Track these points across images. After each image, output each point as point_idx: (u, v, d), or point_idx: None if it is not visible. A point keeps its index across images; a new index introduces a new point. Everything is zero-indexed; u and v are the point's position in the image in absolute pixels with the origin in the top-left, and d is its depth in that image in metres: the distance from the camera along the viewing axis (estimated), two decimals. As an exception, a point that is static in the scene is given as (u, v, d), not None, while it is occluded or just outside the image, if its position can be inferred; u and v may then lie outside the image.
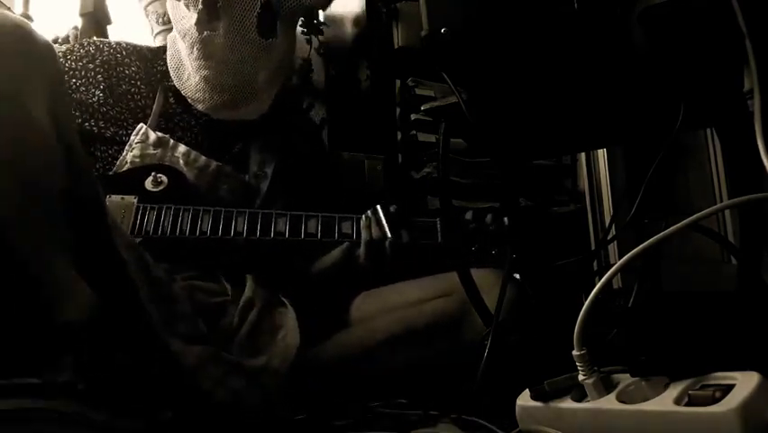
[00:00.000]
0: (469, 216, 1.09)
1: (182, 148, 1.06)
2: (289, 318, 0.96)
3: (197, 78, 1.07)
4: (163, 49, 1.17)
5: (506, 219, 1.06)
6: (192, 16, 1.03)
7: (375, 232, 1.03)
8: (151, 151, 1.04)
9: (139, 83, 1.11)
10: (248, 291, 0.97)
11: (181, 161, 1.05)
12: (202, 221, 1.00)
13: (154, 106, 1.10)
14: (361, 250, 1.03)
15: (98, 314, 0.62)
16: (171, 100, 1.12)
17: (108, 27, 1.53)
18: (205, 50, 1.04)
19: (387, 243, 1.02)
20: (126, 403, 0.58)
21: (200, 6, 1.02)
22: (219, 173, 1.07)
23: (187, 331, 0.83)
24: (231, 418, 0.80)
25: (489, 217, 1.09)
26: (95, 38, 1.21)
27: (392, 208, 1.06)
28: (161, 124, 1.09)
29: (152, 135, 1.05)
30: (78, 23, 1.48)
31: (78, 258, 0.64)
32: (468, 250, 1.07)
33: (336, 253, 1.09)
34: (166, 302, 0.81)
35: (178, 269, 0.96)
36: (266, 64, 1.08)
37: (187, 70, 1.08)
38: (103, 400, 0.54)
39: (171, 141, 1.06)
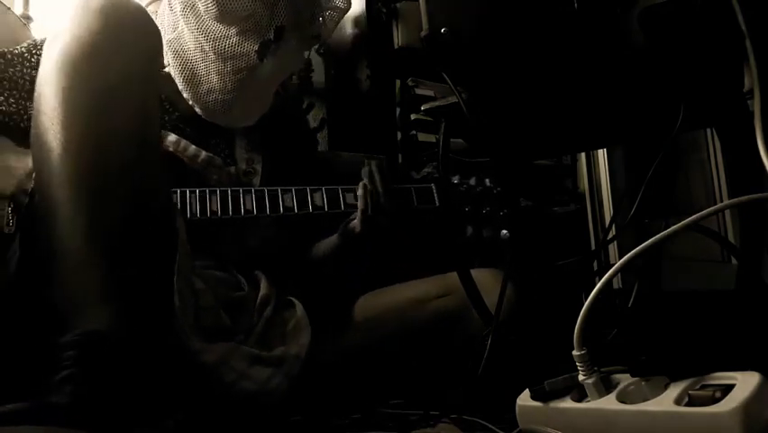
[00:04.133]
0: (473, 181, 1.14)
1: (172, 137, 1.04)
2: (298, 311, 0.98)
3: (220, 91, 1.02)
4: None
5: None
6: (247, 43, 0.98)
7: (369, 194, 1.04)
8: None
9: None
10: (264, 289, 0.98)
11: (170, 150, 1.03)
12: (210, 201, 0.99)
13: None
14: (357, 218, 1.04)
15: (125, 322, 0.59)
16: None
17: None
18: (248, 75, 1.00)
19: (381, 199, 1.03)
20: (135, 416, 0.56)
21: (270, 37, 0.98)
22: (209, 164, 1.06)
23: (209, 324, 0.83)
24: (244, 416, 0.80)
25: (488, 181, 1.14)
26: None
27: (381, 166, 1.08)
28: None
29: None
30: (78, 23, 1.48)
31: (128, 250, 0.62)
32: (461, 211, 1.11)
33: (333, 238, 1.10)
34: (191, 294, 0.82)
35: (194, 256, 0.96)
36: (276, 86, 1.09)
37: (206, 77, 1.03)
38: (102, 424, 0.52)
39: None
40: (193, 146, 1.05)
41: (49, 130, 0.62)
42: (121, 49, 0.65)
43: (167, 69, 1.05)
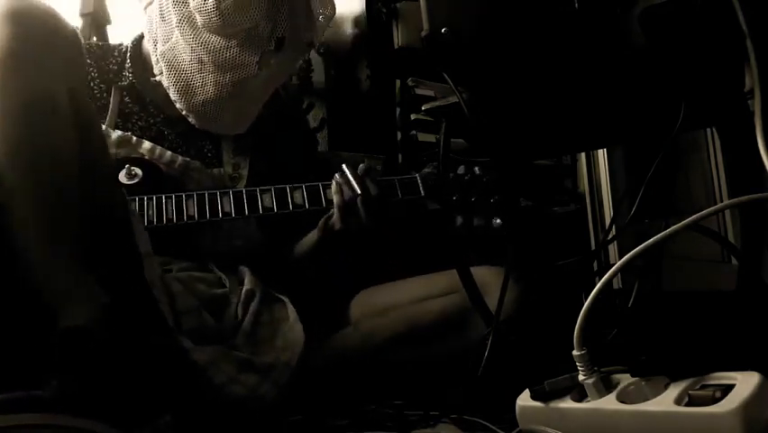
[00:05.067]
0: (461, 170, 1.11)
1: (146, 144, 1.04)
2: (290, 312, 0.96)
3: (215, 101, 1.02)
4: (113, 47, 1.14)
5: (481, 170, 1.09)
6: (247, 53, 0.99)
7: (347, 193, 1.02)
8: (114, 150, 1.01)
9: (92, 84, 1.08)
10: (248, 283, 0.97)
11: (146, 158, 1.03)
12: (187, 206, 0.98)
13: (110, 106, 1.07)
14: (335, 216, 1.03)
15: (107, 318, 0.59)
16: (127, 100, 1.08)
17: (108, 27, 1.53)
18: (246, 85, 1.00)
19: (358, 200, 1.01)
20: (127, 413, 0.56)
21: (271, 48, 0.99)
22: (187, 168, 1.05)
23: (192, 326, 0.83)
24: (238, 416, 0.80)
25: (476, 169, 1.11)
26: None
27: (361, 167, 1.06)
28: (119, 125, 1.07)
29: (114, 134, 1.03)
30: (78, 23, 1.48)
31: (93, 253, 0.62)
32: (449, 200, 1.09)
33: (312, 234, 1.09)
34: (168, 300, 0.81)
35: (170, 261, 0.95)
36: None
37: (201, 88, 1.02)
38: (103, 412, 0.52)
39: (134, 138, 1.04)
40: (169, 152, 1.05)
41: None
42: (35, 56, 0.63)
43: (157, 78, 1.05)
